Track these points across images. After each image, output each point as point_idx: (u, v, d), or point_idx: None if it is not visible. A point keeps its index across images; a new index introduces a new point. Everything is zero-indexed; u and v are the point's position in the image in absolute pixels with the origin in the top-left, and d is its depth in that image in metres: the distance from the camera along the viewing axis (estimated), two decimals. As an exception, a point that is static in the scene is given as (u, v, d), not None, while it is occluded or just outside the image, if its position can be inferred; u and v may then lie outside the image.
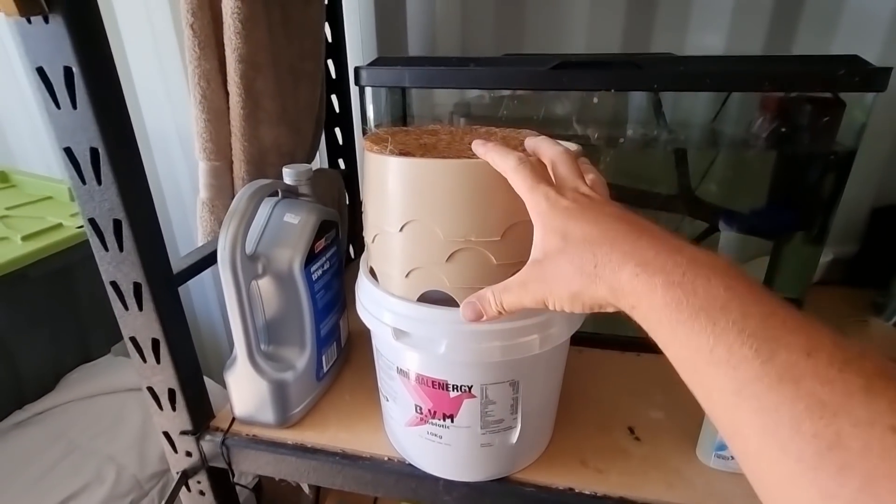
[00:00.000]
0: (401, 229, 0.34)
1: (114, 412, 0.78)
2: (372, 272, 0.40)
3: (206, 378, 0.51)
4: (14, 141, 1.06)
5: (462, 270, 0.33)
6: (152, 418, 0.48)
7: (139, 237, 0.39)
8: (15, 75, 0.98)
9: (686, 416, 0.48)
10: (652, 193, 0.64)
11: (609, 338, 0.60)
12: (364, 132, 0.64)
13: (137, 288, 0.41)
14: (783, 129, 0.50)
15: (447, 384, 0.37)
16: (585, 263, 0.24)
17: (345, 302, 0.56)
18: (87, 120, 0.35)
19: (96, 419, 0.76)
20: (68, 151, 0.36)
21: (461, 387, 0.37)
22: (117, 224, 0.38)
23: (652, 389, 0.52)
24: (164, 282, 0.42)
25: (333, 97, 0.81)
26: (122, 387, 0.82)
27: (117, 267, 0.40)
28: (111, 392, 0.81)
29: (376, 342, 0.41)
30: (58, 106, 0.35)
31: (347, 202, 0.83)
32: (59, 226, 0.76)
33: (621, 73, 0.47)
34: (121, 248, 0.39)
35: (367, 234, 0.38)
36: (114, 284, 0.41)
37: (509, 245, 0.32)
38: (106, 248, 0.39)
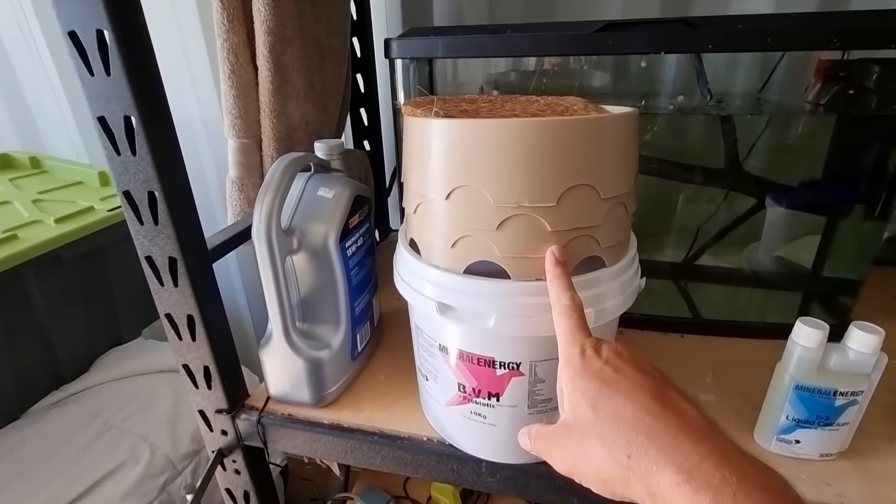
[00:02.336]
0: (447, 196, 0.32)
1: (146, 393, 0.79)
2: (412, 245, 0.38)
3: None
4: (44, 128, 1.07)
5: (514, 238, 0.31)
6: (188, 396, 0.47)
7: (174, 210, 0.38)
8: (44, 66, 0.99)
9: (740, 399, 0.45)
10: (696, 167, 0.60)
11: (648, 318, 0.58)
12: (394, 108, 0.62)
13: (173, 263, 0.40)
14: (850, 92, 0.46)
15: (494, 361, 0.35)
16: (617, 449, 0.22)
17: (377, 282, 0.55)
18: (121, 87, 0.34)
19: (130, 400, 0.77)
20: (102, 121, 0.35)
21: (509, 364, 0.35)
22: (152, 196, 0.37)
23: (700, 371, 0.49)
24: (199, 257, 0.41)
25: (358, 76, 0.79)
26: (154, 368, 0.83)
27: (152, 241, 0.39)
28: (143, 373, 0.82)
29: (416, 318, 0.40)
30: (91, 72, 0.34)
31: (374, 184, 0.82)
32: (91, 209, 0.76)
33: (672, 32, 0.44)
34: (156, 222, 0.38)
35: (409, 204, 0.36)
36: (149, 259, 0.40)
37: (565, 210, 0.30)
38: (141, 222, 0.38)
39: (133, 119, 0.34)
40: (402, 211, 0.39)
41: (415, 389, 0.47)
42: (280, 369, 0.45)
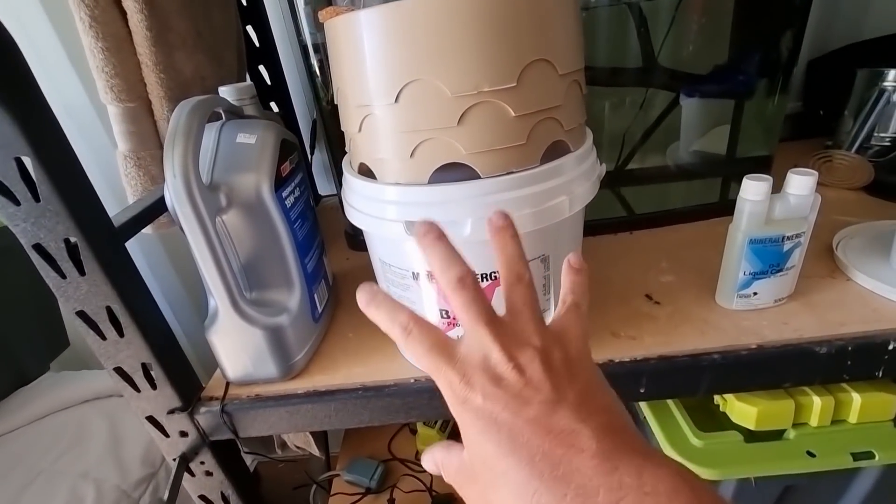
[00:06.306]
0: (396, 99, 0.28)
1: (73, 428, 0.68)
2: (362, 172, 0.34)
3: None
4: None
5: (478, 131, 0.28)
6: (124, 418, 0.41)
7: (58, 180, 0.30)
8: None
9: (696, 274, 0.48)
10: (616, 69, 0.62)
11: (598, 222, 0.59)
12: (300, 44, 0.55)
13: (72, 247, 0.32)
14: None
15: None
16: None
17: (322, 239, 0.50)
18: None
19: (54, 440, 0.66)
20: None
21: (490, 275, 0.33)
22: (21, 165, 0.30)
23: (655, 258, 0.52)
24: (106, 236, 0.34)
25: (249, 28, 0.71)
26: (76, 400, 0.72)
27: (37, 223, 0.31)
28: (64, 408, 0.71)
29: (380, 253, 0.36)
30: None
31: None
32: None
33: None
34: (36, 198, 0.31)
35: (350, 125, 0.32)
36: (38, 248, 0.32)
37: (526, 91, 0.28)
38: (16, 202, 0.31)
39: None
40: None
41: (389, 339, 0.44)
42: (235, 347, 0.40)
